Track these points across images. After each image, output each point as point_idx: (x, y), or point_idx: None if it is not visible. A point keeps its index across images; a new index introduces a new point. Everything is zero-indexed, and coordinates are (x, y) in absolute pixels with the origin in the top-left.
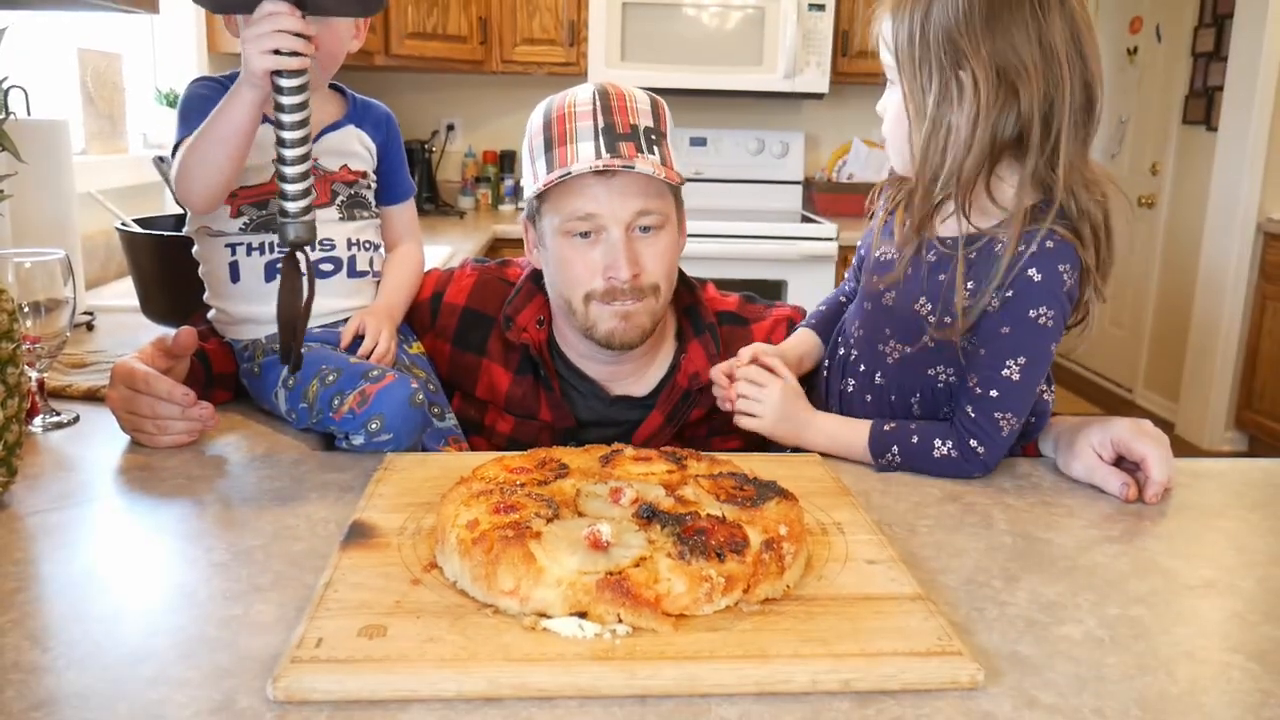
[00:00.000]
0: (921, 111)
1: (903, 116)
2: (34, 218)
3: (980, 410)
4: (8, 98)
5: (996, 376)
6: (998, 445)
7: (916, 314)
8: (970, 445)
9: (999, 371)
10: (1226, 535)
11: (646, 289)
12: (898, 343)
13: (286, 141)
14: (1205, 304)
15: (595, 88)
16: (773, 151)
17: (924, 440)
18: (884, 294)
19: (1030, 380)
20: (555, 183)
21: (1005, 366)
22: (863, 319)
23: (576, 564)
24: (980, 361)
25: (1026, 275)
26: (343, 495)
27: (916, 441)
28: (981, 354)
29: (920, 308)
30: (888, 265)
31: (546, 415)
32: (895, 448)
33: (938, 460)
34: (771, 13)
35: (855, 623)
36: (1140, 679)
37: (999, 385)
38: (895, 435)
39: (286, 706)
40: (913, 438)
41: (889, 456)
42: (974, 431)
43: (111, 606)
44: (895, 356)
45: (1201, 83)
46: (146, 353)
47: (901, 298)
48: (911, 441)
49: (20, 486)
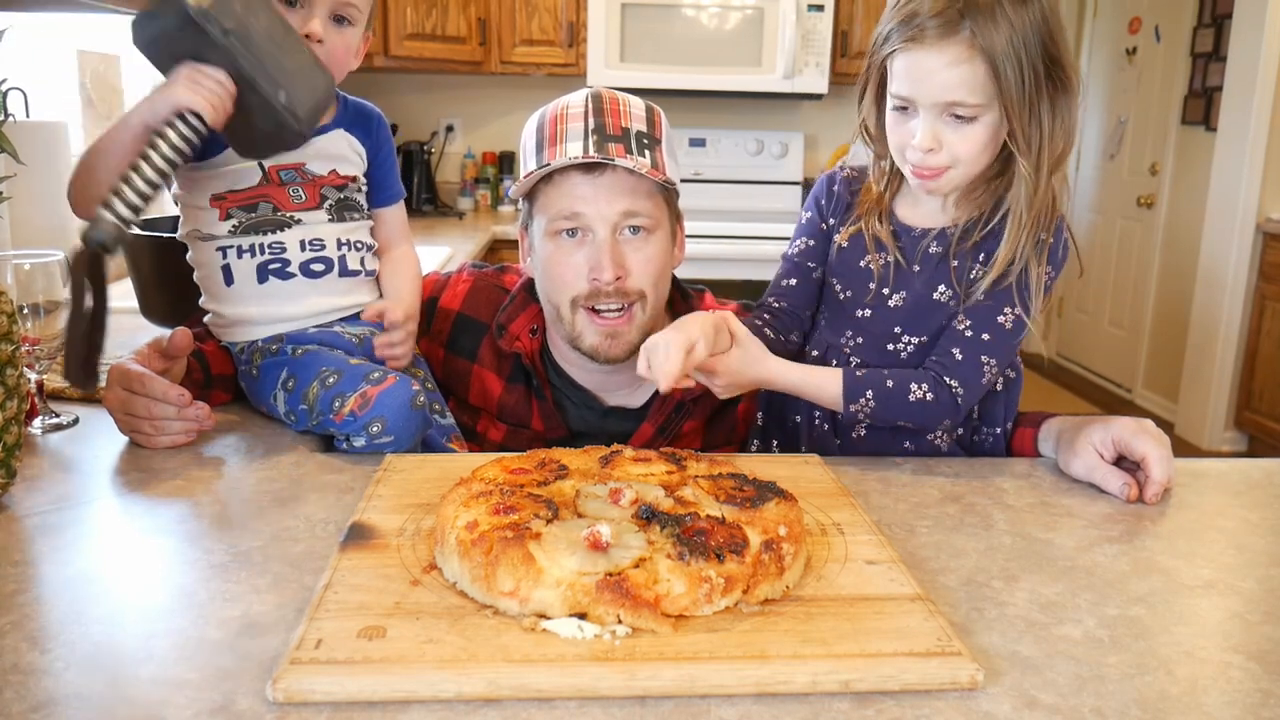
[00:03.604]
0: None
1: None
2: (33, 219)
3: (968, 351)
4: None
5: (992, 321)
6: (975, 389)
7: (936, 303)
8: (949, 384)
9: (995, 317)
10: (1226, 535)
11: (632, 293)
12: (911, 336)
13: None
14: (1204, 304)
15: (590, 92)
16: (772, 152)
17: (900, 384)
18: (889, 298)
19: (1017, 332)
20: (540, 178)
21: (1002, 314)
22: (859, 327)
23: (576, 565)
24: (977, 308)
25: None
26: (342, 497)
27: (892, 385)
28: (979, 298)
29: (940, 295)
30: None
31: (538, 424)
32: (869, 393)
33: (912, 404)
34: (771, 13)
35: (855, 623)
36: (1140, 679)
37: (992, 329)
38: (869, 380)
39: (286, 708)
40: (888, 381)
41: (862, 402)
42: (955, 371)
43: (111, 608)
44: (909, 350)
45: (1201, 83)
46: (143, 354)
47: (915, 294)
48: (887, 385)
49: (19, 488)
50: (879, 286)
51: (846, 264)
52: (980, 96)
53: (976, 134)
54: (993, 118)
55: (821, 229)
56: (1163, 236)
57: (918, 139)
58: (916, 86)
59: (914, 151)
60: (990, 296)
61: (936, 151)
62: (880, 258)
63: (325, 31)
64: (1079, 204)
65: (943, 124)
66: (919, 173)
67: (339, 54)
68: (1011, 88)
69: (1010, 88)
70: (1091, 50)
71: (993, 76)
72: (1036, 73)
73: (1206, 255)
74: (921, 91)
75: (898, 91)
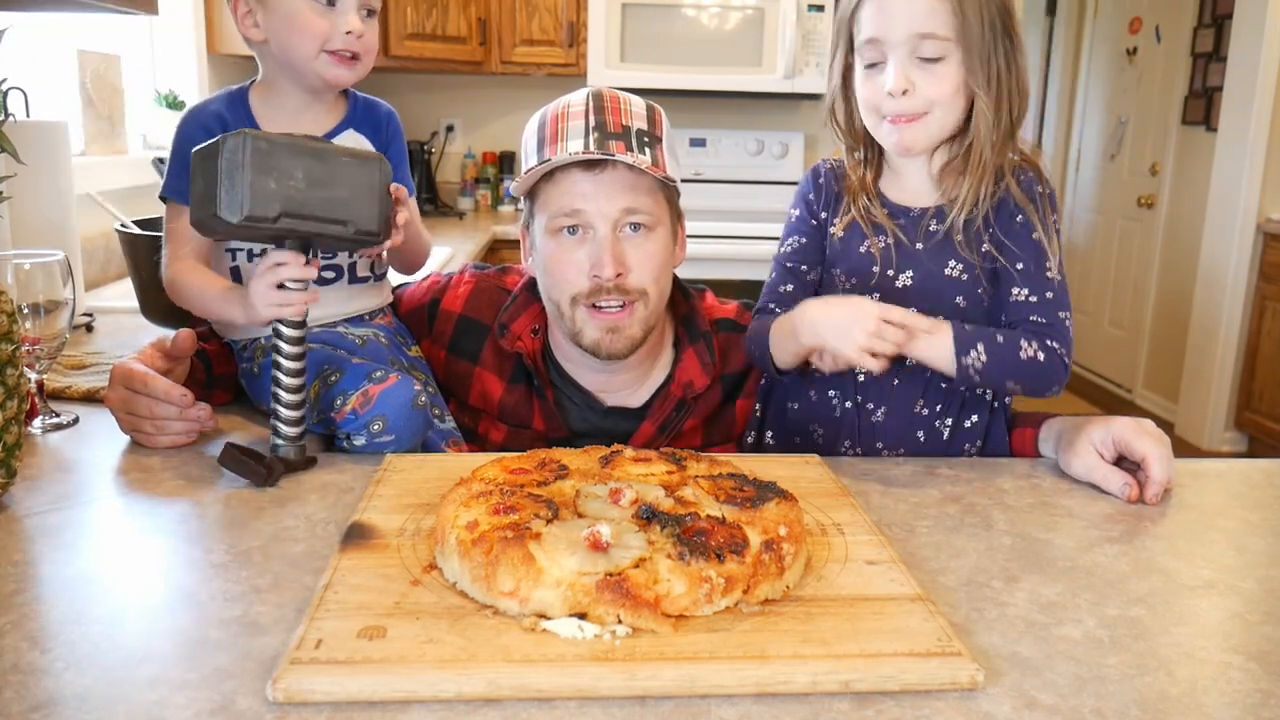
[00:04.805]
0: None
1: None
2: (33, 219)
3: (1045, 313)
4: (7, 99)
5: (1044, 279)
6: (1070, 343)
7: (949, 279)
8: (1051, 345)
9: (1045, 274)
10: (1226, 535)
11: (633, 291)
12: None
13: (284, 384)
14: (1205, 304)
15: (590, 91)
16: (772, 152)
17: (1009, 340)
18: (895, 279)
19: (1065, 279)
20: (541, 175)
21: (1046, 269)
22: None
23: (576, 565)
24: (1022, 274)
25: (1038, 192)
26: (342, 496)
27: (1002, 341)
28: (1019, 268)
29: (952, 271)
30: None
31: (539, 424)
32: (980, 345)
33: (1024, 362)
34: (771, 13)
35: (855, 623)
36: (1140, 679)
37: (1051, 287)
38: (979, 335)
39: (286, 708)
40: (997, 336)
41: (974, 355)
42: (1048, 333)
43: (111, 608)
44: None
45: (1201, 83)
46: (145, 354)
47: (925, 271)
48: (997, 340)
49: (19, 488)
50: (883, 268)
51: (847, 253)
52: (946, 30)
53: (947, 73)
54: (959, 58)
55: (813, 225)
56: (1163, 237)
57: (891, 82)
58: (886, 24)
59: (889, 101)
60: (1025, 259)
61: (911, 94)
62: (880, 240)
63: (363, 24)
64: (1079, 204)
65: (913, 66)
66: (896, 120)
67: (373, 45)
68: (972, 28)
69: (971, 28)
70: (1092, 50)
71: (957, 12)
72: (994, 22)
73: (1207, 255)
74: (891, 28)
75: (868, 36)
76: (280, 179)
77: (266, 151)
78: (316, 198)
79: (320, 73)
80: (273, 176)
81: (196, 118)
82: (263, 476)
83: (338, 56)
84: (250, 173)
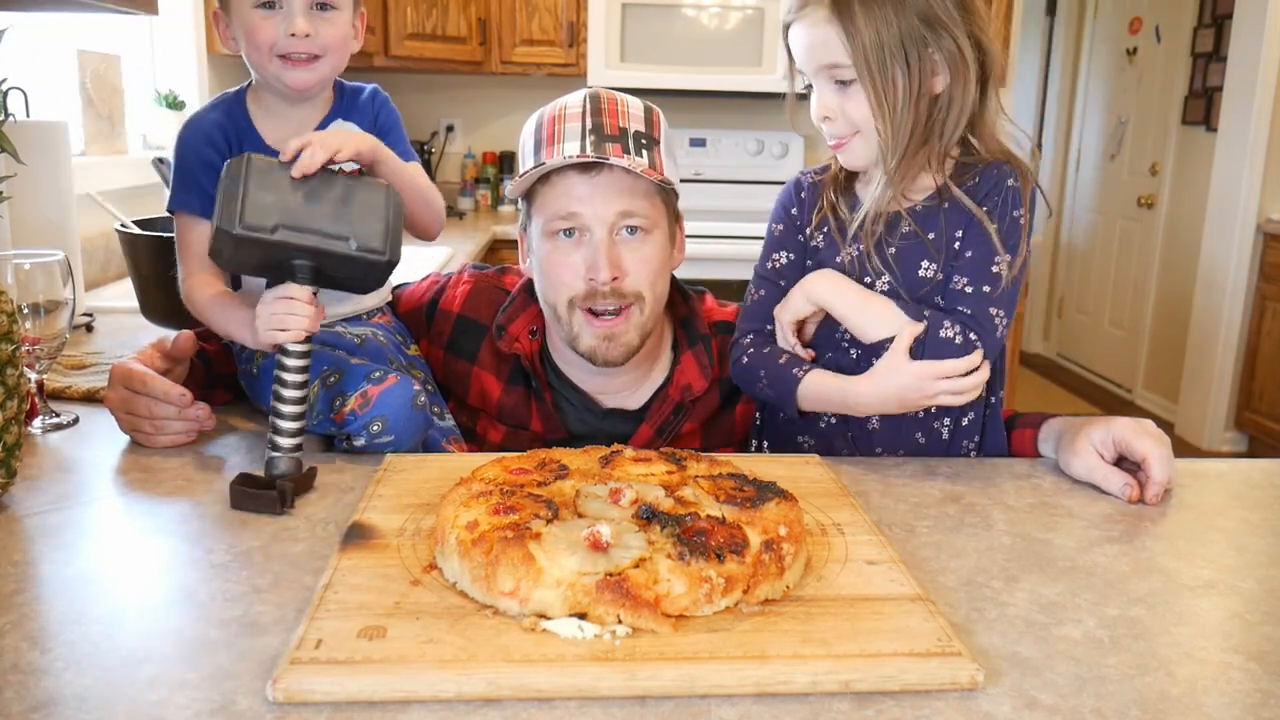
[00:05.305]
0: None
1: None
2: (33, 219)
3: (976, 306)
4: (7, 99)
5: (987, 272)
6: (994, 342)
7: (923, 279)
8: (970, 337)
9: (989, 267)
10: (1226, 535)
11: (629, 294)
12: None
13: (286, 398)
14: (1205, 304)
15: (588, 92)
16: (772, 152)
17: (935, 319)
18: (873, 286)
19: (1015, 279)
20: (537, 178)
21: (994, 263)
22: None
23: (576, 565)
24: (967, 264)
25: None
26: (342, 496)
27: (929, 315)
28: (968, 255)
29: (925, 271)
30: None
31: (537, 426)
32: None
33: (942, 341)
34: (771, 13)
35: (855, 623)
36: (1140, 679)
37: (990, 281)
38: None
39: (286, 708)
40: (924, 310)
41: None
42: (972, 326)
43: (111, 608)
44: None
45: (1201, 83)
46: (145, 354)
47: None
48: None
49: (19, 488)
50: (859, 276)
51: (825, 263)
52: (845, 58)
53: (861, 96)
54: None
55: (798, 240)
56: (1163, 237)
57: (813, 110)
58: (801, 55)
59: (824, 125)
60: (974, 249)
61: (834, 119)
62: (853, 249)
63: (311, 25)
64: (1079, 204)
65: (829, 91)
66: (833, 144)
67: (334, 42)
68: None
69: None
70: (1091, 50)
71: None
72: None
73: (1207, 255)
74: (804, 59)
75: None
76: (279, 194)
77: (265, 170)
78: (316, 212)
79: (278, 76)
80: (271, 191)
81: (197, 127)
82: (277, 504)
83: (290, 60)
84: (249, 186)
